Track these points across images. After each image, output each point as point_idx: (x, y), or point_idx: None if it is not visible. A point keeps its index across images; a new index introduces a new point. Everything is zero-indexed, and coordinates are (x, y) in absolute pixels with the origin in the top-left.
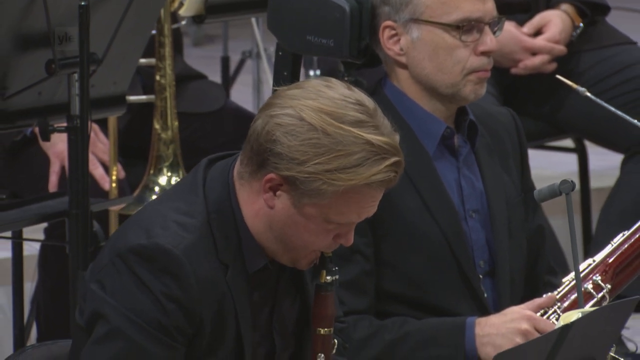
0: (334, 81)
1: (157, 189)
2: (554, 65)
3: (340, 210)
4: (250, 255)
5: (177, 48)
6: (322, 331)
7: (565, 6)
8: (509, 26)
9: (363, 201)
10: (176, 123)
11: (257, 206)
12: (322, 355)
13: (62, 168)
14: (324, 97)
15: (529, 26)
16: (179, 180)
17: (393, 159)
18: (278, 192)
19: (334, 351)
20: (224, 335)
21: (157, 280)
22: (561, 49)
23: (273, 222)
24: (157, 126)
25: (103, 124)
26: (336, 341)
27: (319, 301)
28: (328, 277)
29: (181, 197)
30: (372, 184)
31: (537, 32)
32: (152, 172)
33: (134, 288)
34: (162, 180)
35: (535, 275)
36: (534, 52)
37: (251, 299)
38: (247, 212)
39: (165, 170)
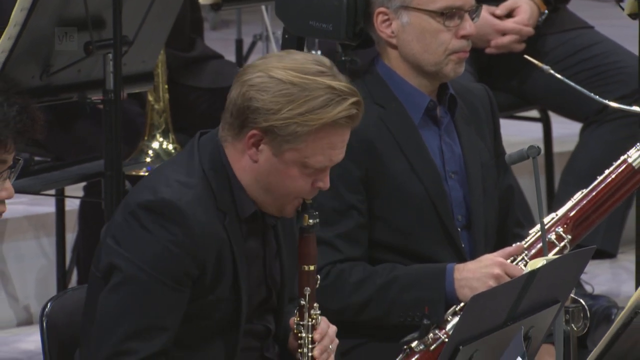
0: (292, 50)
1: (150, 152)
2: (522, 46)
3: (314, 153)
4: (242, 203)
5: (198, 32)
6: (307, 268)
7: None
8: (483, 12)
9: (333, 142)
10: (167, 95)
11: (243, 163)
12: (308, 288)
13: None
14: (287, 59)
15: (502, 8)
16: (169, 144)
17: (353, 99)
18: (260, 147)
19: (317, 285)
20: (224, 274)
21: (165, 231)
22: (529, 30)
23: (259, 174)
24: (150, 98)
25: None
26: (319, 276)
27: (303, 242)
28: (310, 221)
29: (180, 162)
30: (339, 120)
31: (509, 16)
32: (146, 138)
33: (144, 240)
34: (155, 145)
35: (506, 227)
36: (504, 34)
37: (245, 245)
38: (235, 168)
39: (158, 136)
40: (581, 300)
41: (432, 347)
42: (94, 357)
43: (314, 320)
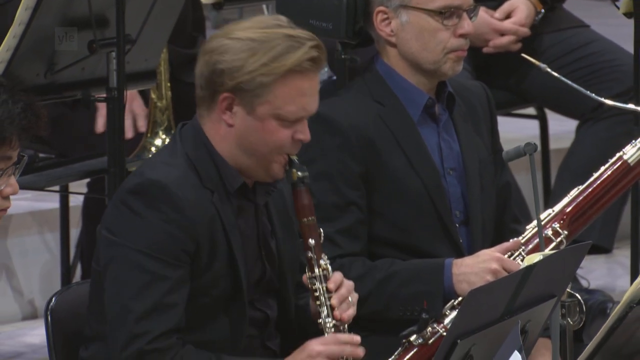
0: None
1: (153, 149)
2: (519, 45)
3: (286, 102)
4: (229, 177)
5: (200, 30)
6: (306, 220)
7: None
8: (481, 12)
9: (302, 88)
10: (169, 93)
11: (222, 131)
12: (312, 240)
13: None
14: (244, 22)
15: (500, 12)
16: None
17: (312, 42)
18: (234, 109)
19: (321, 240)
20: (218, 250)
21: (155, 211)
22: (525, 30)
23: (238, 138)
24: (153, 96)
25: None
26: (322, 230)
27: (297, 196)
28: (299, 173)
29: (164, 149)
30: (303, 64)
31: (507, 17)
32: (149, 135)
33: (137, 224)
34: (158, 142)
35: (503, 223)
36: (502, 33)
37: (237, 222)
38: (215, 142)
39: (160, 133)
40: (577, 295)
41: (431, 340)
42: (113, 346)
43: (325, 271)
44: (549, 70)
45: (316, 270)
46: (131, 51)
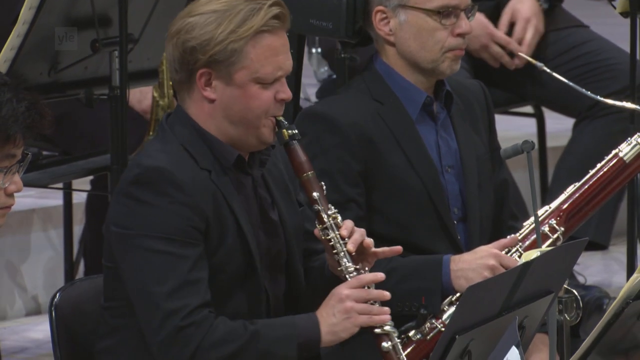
0: None
1: None
2: (516, 62)
3: (262, 64)
4: (223, 154)
5: None
6: (306, 176)
7: None
8: (478, 14)
9: (274, 47)
10: (171, 91)
11: (206, 109)
12: (316, 193)
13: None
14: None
15: (501, 26)
16: None
17: (270, 1)
18: (213, 84)
19: (324, 192)
20: (227, 225)
21: (160, 196)
22: (516, 46)
23: (223, 111)
24: (155, 94)
25: None
26: (323, 183)
27: (291, 154)
28: (289, 131)
29: (154, 140)
30: (269, 23)
31: (510, 25)
32: (151, 133)
33: (146, 212)
34: None
35: (501, 220)
36: (495, 40)
37: (239, 196)
38: (202, 121)
39: None
40: (574, 291)
41: (429, 336)
42: (149, 332)
43: (334, 220)
44: (545, 69)
45: (326, 220)
46: (134, 50)
